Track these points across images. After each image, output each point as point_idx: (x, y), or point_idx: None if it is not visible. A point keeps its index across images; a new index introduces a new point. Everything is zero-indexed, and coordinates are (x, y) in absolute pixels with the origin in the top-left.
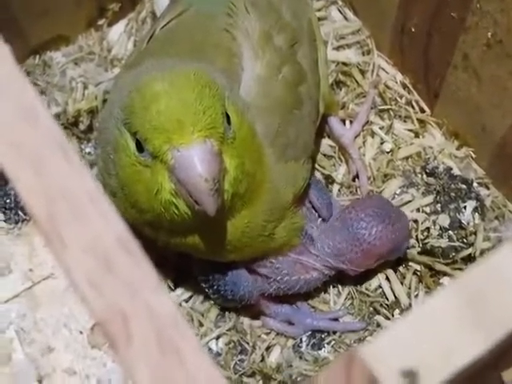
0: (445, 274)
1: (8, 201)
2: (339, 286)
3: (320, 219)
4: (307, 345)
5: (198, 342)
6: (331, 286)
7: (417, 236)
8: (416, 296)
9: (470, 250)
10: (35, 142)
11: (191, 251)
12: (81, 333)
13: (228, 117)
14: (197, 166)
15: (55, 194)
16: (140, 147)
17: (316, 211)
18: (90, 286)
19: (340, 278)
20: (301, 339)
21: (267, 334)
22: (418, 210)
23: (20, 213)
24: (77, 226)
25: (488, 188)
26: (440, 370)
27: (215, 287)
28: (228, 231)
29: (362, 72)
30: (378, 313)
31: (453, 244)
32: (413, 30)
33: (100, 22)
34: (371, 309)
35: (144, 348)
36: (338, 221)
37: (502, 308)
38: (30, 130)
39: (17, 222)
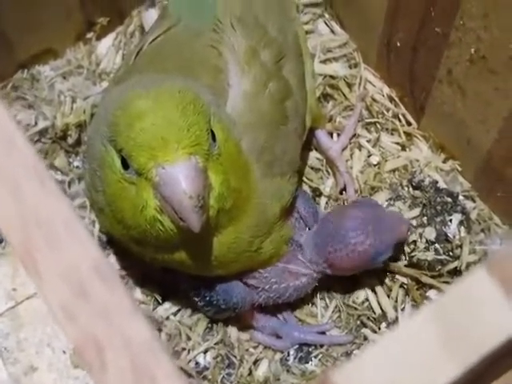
0: (431, 286)
1: None
2: (327, 299)
3: (307, 228)
4: (294, 358)
5: (174, 367)
6: (319, 299)
7: (403, 249)
8: (402, 309)
9: (456, 263)
10: (11, 167)
11: (178, 267)
12: (64, 352)
13: (213, 133)
14: (181, 183)
15: (30, 221)
16: (125, 164)
17: (303, 220)
18: (65, 313)
19: (328, 290)
20: (288, 353)
21: (255, 347)
22: None
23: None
24: (52, 252)
25: (474, 201)
26: None
27: (207, 298)
28: (214, 247)
29: (349, 85)
30: (365, 326)
31: (439, 257)
32: (398, 44)
33: (88, 36)
34: (358, 322)
35: (119, 376)
36: (325, 222)
37: (476, 332)
38: (6, 154)
39: (0, 242)
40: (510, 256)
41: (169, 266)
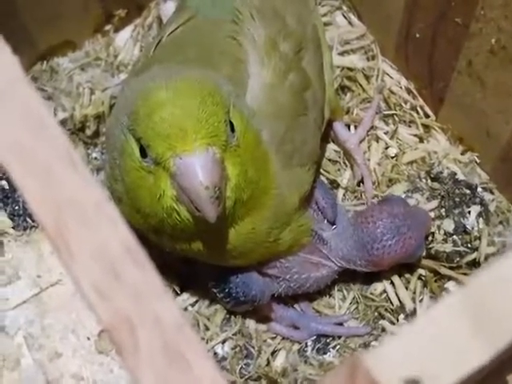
0: (449, 278)
1: (16, 207)
2: (344, 291)
3: (326, 220)
4: (312, 349)
5: (204, 348)
6: (336, 291)
7: None
8: (421, 301)
9: (474, 255)
10: (42, 150)
11: (197, 257)
12: (88, 339)
13: (232, 124)
14: (198, 174)
15: (62, 203)
16: (144, 153)
17: (321, 212)
18: (97, 293)
19: (345, 282)
20: (306, 344)
21: (273, 338)
22: None
23: (28, 220)
24: (84, 234)
25: (492, 193)
26: (444, 379)
27: (226, 290)
28: (231, 237)
29: (367, 77)
30: (383, 317)
31: (457, 249)
32: (417, 35)
33: (107, 28)
34: (376, 313)
35: (150, 355)
36: (352, 229)
37: (505, 316)
38: (37, 138)
39: (25, 229)
40: None
41: (188, 255)
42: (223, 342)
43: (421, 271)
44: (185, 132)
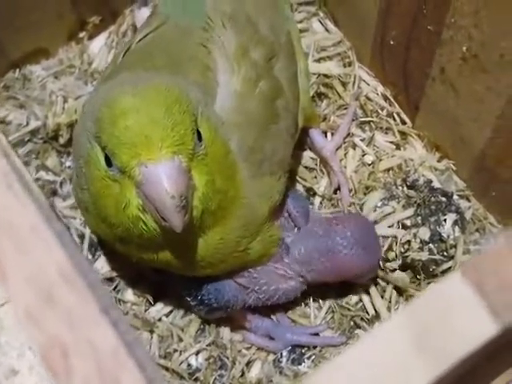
0: (425, 287)
1: None
2: (320, 301)
3: (296, 229)
4: (287, 360)
5: (139, 373)
6: (312, 300)
7: (397, 249)
8: (396, 309)
9: (450, 263)
10: None
11: (165, 267)
12: None
13: (199, 133)
14: (163, 183)
15: None
16: (109, 162)
17: (293, 221)
18: (30, 318)
19: (321, 291)
20: (281, 354)
21: (247, 348)
22: (398, 222)
23: None
24: (18, 256)
25: (469, 200)
26: None
27: (199, 297)
28: (200, 247)
29: (344, 84)
30: (359, 327)
31: (433, 257)
32: (392, 42)
33: (81, 35)
34: (352, 323)
35: (84, 381)
36: (320, 228)
37: (449, 338)
38: None
39: None
40: (485, 258)
41: (156, 266)
42: (197, 353)
43: (396, 280)
44: (150, 140)
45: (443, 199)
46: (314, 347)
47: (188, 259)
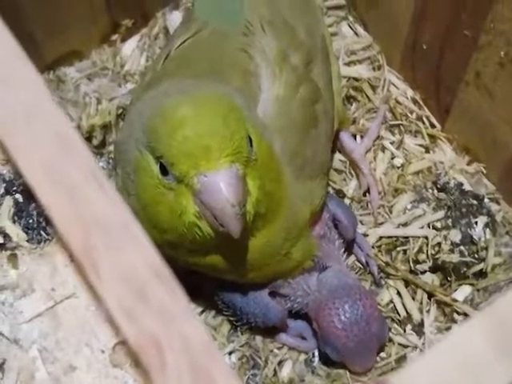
0: (456, 289)
1: (30, 221)
2: None
3: (338, 240)
4: (319, 359)
5: (231, 370)
6: None
7: (428, 251)
8: (428, 311)
9: (481, 266)
10: (69, 169)
11: (210, 271)
12: (102, 352)
13: (250, 139)
14: (223, 192)
15: (90, 223)
16: (164, 170)
17: (338, 230)
18: (124, 314)
19: None
20: (313, 354)
21: (279, 348)
22: (428, 225)
23: (42, 233)
24: (111, 255)
25: (499, 203)
26: None
27: (245, 321)
28: (247, 250)
29: (373, 87)
30: (390, 328)
31: (464, 259)
32: (424, 46)
33: (113, 38)
34: None
35: (178, 375)
36: (342, 288)
37: None
38: (64, 157)
39: (39, 242)
40: None
41: (201, 269)
42: (230, 352)
43: (428, 282)
44: (209, 150)
45: (474, 202)
46: None
47: (235, 262)
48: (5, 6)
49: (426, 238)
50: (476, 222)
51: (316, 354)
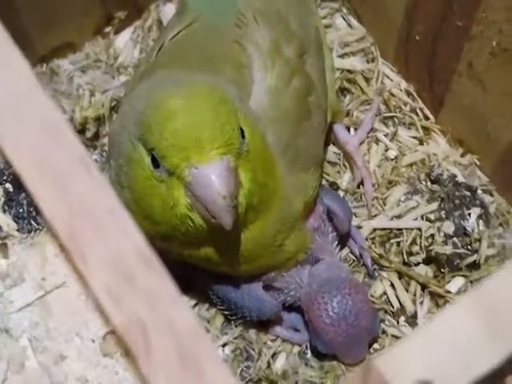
0: (449, 281)
1: (21, 210)
2: None
3: (331, 234)
4: (313, 351)
5: (217, 353)
6: None
7: (421, 243)
8: (421, 303)
9: (474, 257)
10: (58, 156)
11: (203, 263)
12: (93, 341)
13: (242, 130)
14: (215, 184)
15: (77, 209)
16: (155, 162)
17: (333, 223)
18: (110, 297)
19: None
20: (306, 346)
21: (273, 340)
22: (422, 217)
23: (33, 222)
24: (97, 240)
25: (492, 195)
26: (456, 382)
27: (239, 315)
28: (240, 242)
29: (367, 79)
30: (383, 320)
31: (457, 251)
32: (417, 38)
33: (107, 30)
34: None
35: (163, 359)
36: (333, 282)
37: None
38: (53, 145)
39: (29, 232)
40: None
41: (194, 262)
42: (223, 345)
43: (421, 273)
44: (200, 143)
45: (467, 193)
46: None
47: (228, 254)
48: None
49: (420, 229)
50: (469, 214)
51: (309, 346)
